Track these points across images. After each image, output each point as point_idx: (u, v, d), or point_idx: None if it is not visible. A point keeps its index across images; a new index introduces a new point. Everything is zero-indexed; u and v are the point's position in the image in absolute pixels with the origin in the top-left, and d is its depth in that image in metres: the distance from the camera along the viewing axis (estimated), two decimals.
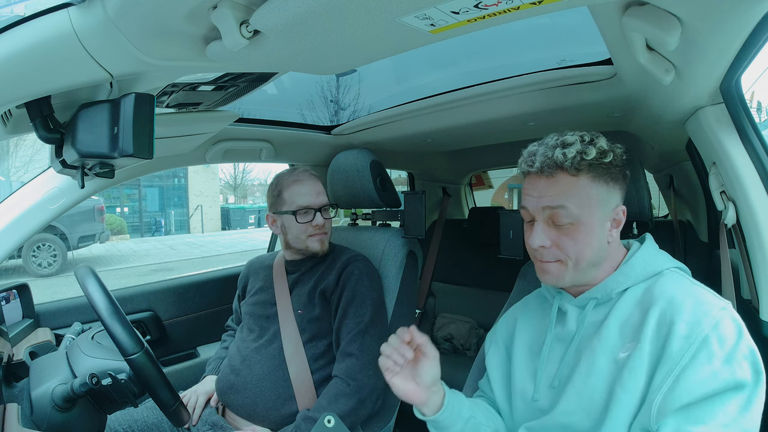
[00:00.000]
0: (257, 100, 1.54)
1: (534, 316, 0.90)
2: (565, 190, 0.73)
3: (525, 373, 0.85)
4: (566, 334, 0.80)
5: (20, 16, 0.61)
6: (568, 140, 0.74)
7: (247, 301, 1.37)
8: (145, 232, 15.20)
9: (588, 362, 0.74)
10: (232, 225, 17.13)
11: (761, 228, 0.88)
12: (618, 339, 0.72)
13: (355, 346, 1.16)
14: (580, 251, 0.74)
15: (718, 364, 0.62)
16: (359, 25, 0.63)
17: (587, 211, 0.73)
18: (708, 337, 0.63)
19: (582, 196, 0.73)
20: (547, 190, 0.74)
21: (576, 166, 0.72)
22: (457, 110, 1.43)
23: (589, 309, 0.78)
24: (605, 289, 0.77)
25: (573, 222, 0.73)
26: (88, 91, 0.83)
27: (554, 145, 0.74)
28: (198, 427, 1.24)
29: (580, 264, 0.75)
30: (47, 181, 1.25)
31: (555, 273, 0.77)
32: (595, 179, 0.73)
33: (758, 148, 0.89)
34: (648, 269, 0.76)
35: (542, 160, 0.74)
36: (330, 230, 1.33)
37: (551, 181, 0.74)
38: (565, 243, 0.74)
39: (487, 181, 3.11)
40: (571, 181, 0.73)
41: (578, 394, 0.73)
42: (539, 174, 0.75)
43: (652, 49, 0.77)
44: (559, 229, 0.75)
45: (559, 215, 0.73)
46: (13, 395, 0.92)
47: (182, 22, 0.63)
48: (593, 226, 0.74)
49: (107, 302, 0.87)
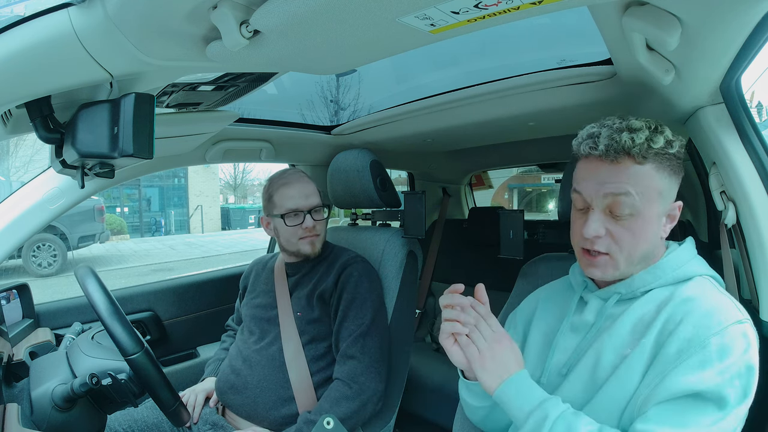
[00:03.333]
0: (257, 100, 1.54)
1: (556, 303, 0.87)
2: (630, 176, 0.68)
3: (536, 357, 0.83)
4: (583, 324, 0.78)
5: (20, 16, 0.61)
6: (635, 125, 0.69)
7: (248, 303, 1.37)
8: (145, 232, 15.20)
9: (595, 355, 0.72)
10: (232, 225, 17.13)
11: (761, 228, 0.88)
12: (629, 336, 0.70)
13: (356, 348, 1.16)
14: (635, 245, 0.70)
15: (710, 373, 0.60)
16: (359, 25, 0.63)
17: (648, 203, 0.69)
18: (708, 344, 0.61)
19: (646, 186, 0.68)
20: (611, 175, 0.69)
21: (643, 154, 0.67)
22: (457, 110, 1.42)
23: (611, 302, 0.75)
24: (631, 286, 0.74)
25: (633, 213, 0.69)
26: (88, 91, 0.83)
27: (620, 128, 0.69)
28: (198, 426, 1.24)
29: (633, 258, 0.71)
30: (47, 181, 1.25)
31: (603, 266, 0.73)
32: (659, 169, 0.69)
33: (758, 148, 0.89)
34: (678, 273, 0.72)
35: (607, 143, 0.68)
36: (323, 232, 1.32)
37: (616, 166, 0.69)
38: (621, 235, 0.70)
39: (487, 181, 3.10)
40: (637, 168, 0.68)
41: (581, 385, 0.73)
42: (602, 158, 0.69)
43: (652, 49, 0.77)
44: (617, 220, 0.70)
45: (620, 204, 0.69)
46: (13, 395, 0.92)
47: (182, 22, 0.63)
48: (652, 219, 0.70)
49: (107, 302, 0.87)
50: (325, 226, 1.34)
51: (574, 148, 0.76)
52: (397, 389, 1.32)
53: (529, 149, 2.12)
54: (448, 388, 1.81)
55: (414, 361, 1.97)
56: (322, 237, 1.31)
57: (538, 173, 12.00)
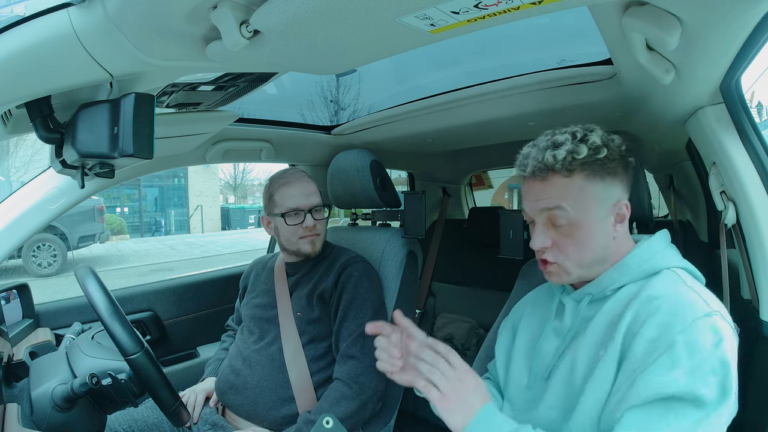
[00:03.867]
0: (257, 100, 1.54)
1: (540, 306, 0.89)
2: (559, 191, 0.72)
3: (522, 362, 0.85)
4: (563, 327, 0.79)
5: (20, 16, 0.61)
6: (559, 140, 0.72)
7: (248, 303, 1.37)
8: (145, 232, 15.20)
9: (571, 358, 0.73)
10: (232, 225, 17.13)
11: (761, 228, 0.88)
12: (602, 337, 0.71)
13: (356, 348, 1.16)
14: (581, 252, 0.73)
15: (680, 372, 0.58)
16: (359, 25, 0.63)
17: (584, 211, 0.71)
18: (675, 342, 0.59)
19: (577, 197, 0.71)
20: (542, 192, 0.74)
21: (568, 167, 0.70)
22: (457, 110, 1.43)
23: (584, 304, 0.77)
24: (600, 286, 0.75)
25: (571, 222, 0.72)
26: (88, 91, 0.83)
27: (545, 146, 0.73)
28: (198, 426, 1.24)
29: (583, 263, 0.74)
30: (47, 181, 1.25)
31: (555, 274, 0.76)
32: (589, 177, 0.71)
33: (758, 148, 0.89)
34: (645, 267, 0.73)
35: (534, 165, 0.73)
36: (323, 231, 1.32)
37: (545, 183, 0.73)
38: (565, 244, 0.73)
39: (487, 181, 3.10)
40: (564, 182, 0.72)
41: (561, 389, 0.73)
42: (533, 177, 0.74)
43: (652, 49, 0.77)
44: (558, 230, 0.74)
45: (556, 216, 0.73)
46: (13, 395, 0.92)
47: (182, 22, 0.63)
48: (592, 225, 0.72)
49: (107, 302, 0.87)
50: (325, 225, 1.34)
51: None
52: (397, 389, 1.32)
53: None
54: None
55: None
56: (322, 236, 1.31)
57: None
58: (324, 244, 1.34)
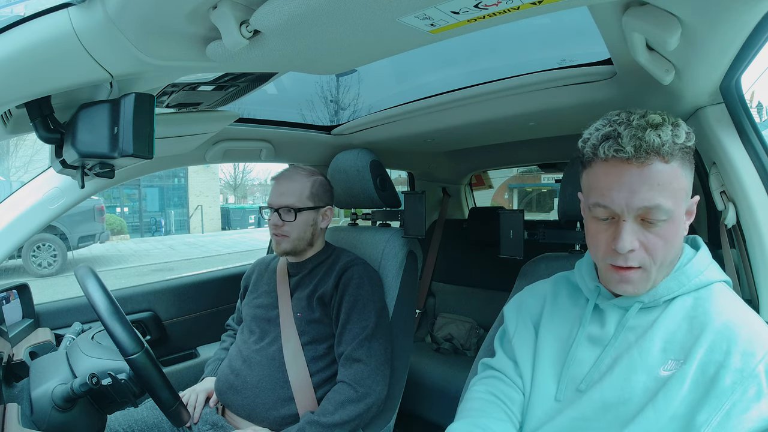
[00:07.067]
0: (257, 100, 1.54)
1: (565, 305, 0.80)
2: (661, 181, 0.61)
3: (551, 369, 0.75)
4: (602, 335, 0.71)
5: (20, 16, 0.61)
6: (655, 120, 0.62)
7: (250, 302, 1.37)
8: (145, 232, 15.20)
9: (624, 372, 0.67)
10: (232, 225, 17.13)
11: (761, 228, 0.88)
12: (660, 354, 0.65)
13: (362, 351, 1.16)
14: (667, 252, 0.64)
15: (766, 404, 0.56)
16: (359, 25, 0.63)
17: (678, 204, 0.63)
18: (758, 372, 0.58)
19: (675, 188, 0.62)
20: (641, 182, 0.61)
21: (671, 151, 0.61)
22: (457, 110, 1.43)
23: (632, 313, 0.69)
24: (655, 295, 0.68)
25: (667, 219, 0.62)
26: (88, 91, 0.83)
27: (642, 125, 0.62)
28: (198, 426, 1.24)
29: (663, 266, 0.65)
30: (47, 181, 1.25)
31: (636, 282, 0.66)
32: (683, 166, 0.63)
33: (758, 148, 0.90)
34: (701, 279, 0.68)
35: (636, 144, 0.60)
36: (295, 234, 1.27)
37: (646, 170, 0.61)
38: (654, 244, 0.63)
39: (487, 181, 3.11)
40: (665, 169, 0.61)
41: (604, 403, 0.67)
42: (629, 161, 0.61)
43: (652, 49, 0.77)
44: (649, 227, 0.63)
45: (654, 212, 0.62)
46: (13, 395, 0.92)
47: (182, 22, 0.63)
48: (681, 220, 0.64)
49: (107, 302, 0.86)
50: (298, 229, 1.27)
51: (584, 152, 0.67)
52: (397, 389, 1.32)
53: (529, 149, 2.12)
54: (448, 388, 1.81)
55: (414, 361, 1.97)
56: (291, 240, 1.27)
57: (538, 173, 11.99)
58: (324, 246, 1.35)
